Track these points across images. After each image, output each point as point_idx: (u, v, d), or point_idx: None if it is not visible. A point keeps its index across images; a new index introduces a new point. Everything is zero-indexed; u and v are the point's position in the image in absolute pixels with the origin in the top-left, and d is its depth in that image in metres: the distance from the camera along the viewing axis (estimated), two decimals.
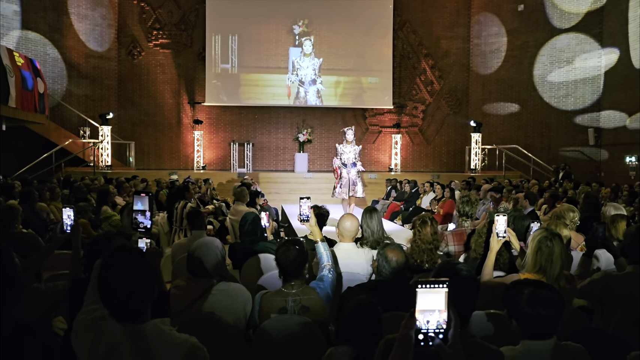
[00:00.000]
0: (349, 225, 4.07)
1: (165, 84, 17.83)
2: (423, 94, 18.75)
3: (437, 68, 18.67)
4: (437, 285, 1.43)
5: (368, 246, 4.22)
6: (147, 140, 17.79)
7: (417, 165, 18.77)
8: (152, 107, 17.75)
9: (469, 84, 18.69)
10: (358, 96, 18.13)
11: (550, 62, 16.95)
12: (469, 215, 4.97)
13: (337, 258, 3.86)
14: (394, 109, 18.53)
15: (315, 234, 3.66)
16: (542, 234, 3.13)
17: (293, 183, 15.37)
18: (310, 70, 17.75)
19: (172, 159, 17.97)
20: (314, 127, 18.21)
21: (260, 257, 4.58)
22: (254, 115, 18.25)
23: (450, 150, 18.87)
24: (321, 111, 18.36)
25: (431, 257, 3.91)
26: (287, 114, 18.28)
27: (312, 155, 18.24)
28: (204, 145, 17.82)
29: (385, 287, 3.12)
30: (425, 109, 18.77)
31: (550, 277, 3.02)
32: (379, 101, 18.29)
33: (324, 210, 5.30)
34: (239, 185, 8.66)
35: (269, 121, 18.32)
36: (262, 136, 18.26)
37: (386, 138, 18.60)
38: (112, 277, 1.89)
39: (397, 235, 5.72)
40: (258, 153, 18.15)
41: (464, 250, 4.54)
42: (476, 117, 17.81)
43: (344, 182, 9.23)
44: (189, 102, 17.89)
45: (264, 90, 17.78)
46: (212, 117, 18.11)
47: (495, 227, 3.44)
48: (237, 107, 18.11)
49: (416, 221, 4.08)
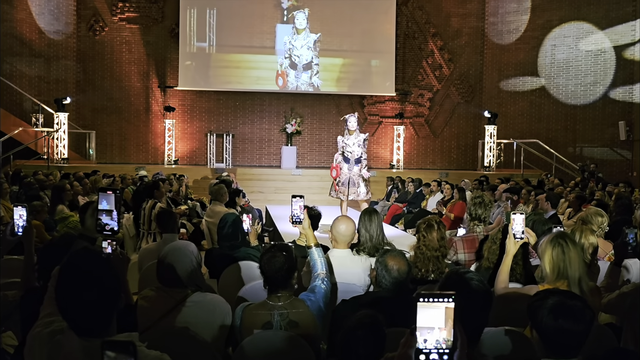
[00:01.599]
0: (343, 229, 4.09)
1: (132, 65, 17.76)
2: (430, 80, 18.82)
3: (447, 50, 18.74)
4: (441, 299, 1.45)
5: (365, 253, 4.24)
6: (111, 130, 17.72)
7: (423, 162, 18.85)
8: (116, 91, 17.68)
9: (482, 69, 18.78)
10: (355, 81, 18.17)
11: (576, 44, 17.06)
12: (481, 219, 5.02)
13: (331, 266, 3.88)
14: (396, 97, 18.58)
15: (308, 237, 3.68)
16: (548, 238, 3.20)
17: (279, 181, 15.38)
18: (305, 50, 17.72)
19: (140, 152, 17.92)
20: (304, 117, 18.23)
21: (241, 264, 4.58)
22: (235, 102, 18.22)
23: (461, 144, 18.97)
24: (312, 98, 18.38)
25: (438, 267, 3.94)
26: (273, 101, 18.28)
27: (302, 148, 18.26)
28: (176, 136, 17.77)
29: (384, 300, 3.14)
30: (432, 97, 18.85)
31: (573, 281, 3.06)
32: (380, 87, 18.33)
33: (316, 212, 5.34)
34: (217, 183, 8.63)
35: (252, 109, 18.31)
36: (244, 126, 18.25)
37: (387, 130, 18.66)
38: (72, 286, 1.90)
39: (398, 242, 5.75)
40: (239, 146, 18.14)
41: (476, 259, 4.57)
42: (491, 107, 17.91)
43: (344, 180, 8.96)
44: (159, 86, 17.84)
45: (247, 73, 17.77)
46: (186, 103, 18.07)
47: (512, 227, 3.47)
48: (215, 93, 18.08)
49: (421, 225, 4.11)
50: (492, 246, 4.00)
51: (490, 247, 4.01)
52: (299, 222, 3.68)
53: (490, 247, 4.01)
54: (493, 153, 17.19)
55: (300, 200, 3.66)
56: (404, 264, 3.23)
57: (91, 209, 3.06)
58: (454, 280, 2.23)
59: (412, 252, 4.10)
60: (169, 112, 17.44)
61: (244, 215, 5.41)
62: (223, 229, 4.95)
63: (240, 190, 10.00)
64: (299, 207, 3.66)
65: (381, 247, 4.22)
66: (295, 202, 3.65)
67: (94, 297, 1.88)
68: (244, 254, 4.83)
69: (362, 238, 4.33)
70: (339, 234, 4.09)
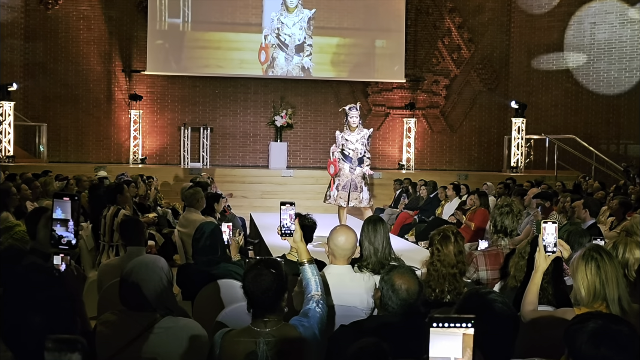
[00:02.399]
0: (342, 241, 4.08)
1: (91, 45, 17.75)
2: (447, 64, 18.87)
3: (467, 28, 18.80)
4: (459, 325, 1.45)
5: (369, 270, 4.22)
6: (65, 122, 17.70)
7: (438, 161, 18.89)
8: (72, 76, 17.66)
9: (509, 51, 18.84)
10: (357, 65, 18.21)
11: (621, 22, 17.12)
12: (507, 232, 5.00)
13: (328, 286, 3.88)
14: (406, 84, 18.62)
15: (300, 252, 3.69)
16: (581, 252, 3.22)
17: (266, 183, 15.38)
18: (297, 29, 17.75)
19: (100, 149, 17.90)
20: (296, 107, 18.25)
21: (221, 283, 4.58)
22: (214, 89, 18.23)
23: (483, 141, 19.01)
24: (306, 85, 18.40)
25: (455, 286, 3.94)
26: (259, 89, 18.30)
27: (294, 145, 18.27)
28: (143, 130, 17.76)
29: (391, 326, 3.14)
30: (449, 84, 18.89)
31: (612, 302, 3.08)
32: (387, 72, 18.36)
33: (310, 221, 5.32)
34: (192, 186, 8.62)
35: (235, 98, 18.32)
36: (225, 118, 18.25)
37: (395, 123, 18.69)
38: (18, 310, 1.90)
39: (408, 256, 5.75)
40: (219, 142, 18.14)
41: (500, 277, 4.57)
42: (519, 97, 17.96)
43: (344, 183, 8.92)
44: (123, 70, 17.82)
45: (228, 55, 17.79)
46: (155, 91, 18.06)
47: (543, 239, 3.48)
48: (190, 78, 18.08)
49: (435, 237, 4.11)
50: (520, 262, 4.00)
51: (517, 262, 4.02)
52: (289, 234, 3.68)
53: (517, 262, 4.02)
54: (521, 151, 17.24)
55: (291, 208, 3.66)
56: (415, 283, 3.24)
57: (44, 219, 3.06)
58: (474, 302, 2.24)
59: (424, 268, 4.10)
60: (135, 102, 17.43)
61: (223, 224, 5.41)
62: (199, 241, 4.94)
63: (220, 194, 9.98)
64: (289, 216, 3.66)
65: (387, 263, 4.21)
66: (285, 210, 3.65)
67: (44, 324, 1.88)
68: (224, 271, 4.82)
69: (365, 252, 4.32)
70: (337, 248, 4.09)
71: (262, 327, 3.11)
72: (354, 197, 8.93)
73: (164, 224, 10.37)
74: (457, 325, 1.46)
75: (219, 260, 4.93)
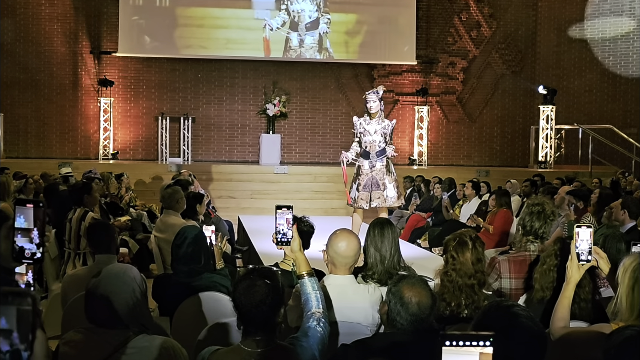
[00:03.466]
0: (343, 247, 4.06)
1: (55, 23, 17.73)
2: (464, 43, 18.87)
3: (488, 2, 18.81)
4: (475, 343, 1.45)
5: (375, 280, 4.22)
6: (25, 112, 17.68)
7: (454, 155, 18.89)
8: (32, 59, 17.63)
9: (536, 28, 18.84)
10: (361, 45, 18.21)
11: None
12: (538, 235, 4.99)
13: (328, 298, 3.88)
14: (417, 66, 18.62)
15: (299, 263, 3.67)
16: (629, 261, 3.20)
17: (257, 182, 15.37)
18: (308, 4, 17.73)
19: (65, 142, 17.88)
20: (291, 94, 18.24)
21: (203, 297, 4.59)
22: (196, 73, 18.22)
23: (507, 132, 19.01)
24: (302, 69, 18.40)
25: (473, 299, 3.94)
26: (248, 72, 18.29)
27: (288, 137, 18.28)
28: (115, 121, 17.74)
29: (399, 345, 3.14)
30: (467, 67, 18.89)
31: None
32: (395, 53, 18.36)
33: (307, 225, 5.32)
34: (171, 185, 8.61)
35: (220, 83, 18.31)
36: (209, 107, 18.24)
37: (405, 112, 18.69)
38: None
39: (420, 265, 5.75)
40: (202, 134, 18.13)
41: (525, 288, 4.57)
42: (548, 81, 17.96)
43: (364, 182, 8.59)
44: (92, 51, 17.80)
45: (213, 34, 17.78)
46: (128, 75, 18.05)
47: (576, 245, 3.48)
48: (168, 61, 18.07)
49: (450, 242, 4.10)
50: (548, 269, 4.00)
51: (544, 270, 4.02)
52: (286, 243, 3.67)
53: (544, 270, 4.02)
54: (550, 144, 17.23)
55: (288, 212, 3.65)
56: (427, 296, 3.23)
57: (5, 228, 3.05)
58: (495, 316, 2.23)
59: (437, 279, 4.10)
60: (105, 88, 17.39)
61: (207, 228, 5.40)
62: (180, 248, 4.94)
63: (204, 194, 9.99)
64: (286, 221, 3.64)
65: (396, 273, 4.20)
66: (281, 215, 3.64)
67: None
68: (207, 283, 4.83)
69: (370, 260, 4.32)
70: (338, 255, 4.06)
71: (254, 347, 3.10)
72: (376, 196, 8.53)
73: (139, 229, 10.36)
74: (474, 343, 1.45)
75: (201, 270, 4.93)
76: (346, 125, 9.61)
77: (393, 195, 8.65)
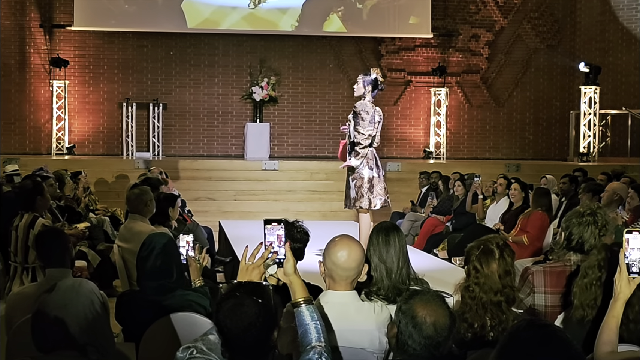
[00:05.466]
0: (344, 257, 4.04)
1: None
2: (489, 12, 18.87)
3: None
4: None
5: (381, 298, 4.23)
6: None
7: (478, 147, 18.89)
8: None
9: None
10: (367, 16, 18.19)
11: None
12: (583, 248, 4.94)
13: (327, 319, 3.86)
14: (434, 40, 18.61)
15: (294, 288, 3.66)
16: None
17: (241, 180, 15.36)
18: None
19: (10, 134, 17.83)
20: (282, 74, 18.22)
21: (176, 318, 4.59)
22: (168, 50, 18.21)
23: (541, 118, 19.01)
24: (295, 44, 18.39)
25: (500, 319, 3.94)
26: (230, 49, 18.28)
27: (279, 126, 18.28)
28: (71, 108, 17.72)
29: None
30: (493, 41, 18.87)
31: None
32: (406, 25, 18.35)
33: (300, 232, 5.30)
34: (137, 184, 8.60)
35: (197, 62, 18.29)
36: (183, 91, 18.23)
37: (419, 95, 18.69)
38: None
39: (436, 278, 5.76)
40: (176, 123, 18.12)
41: (563, 305, 4.57)
42: (590, 57, 17.95)
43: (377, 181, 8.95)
44: (42, 25, 17.77)
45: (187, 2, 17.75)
46: (87, 54, 18.03)
47: (625, 254, 3.48)
48: (135, 35, 18.06)
49: (473, 251, 4.12)
50: (590, 284, 4.00)
51: (586, 285, 4.01)
52: (278, 264, 3.68)
53: (586, 285, 4.01)
54: (594, 132, 17.22)
55: (279, 228, 3.65)
56: (444, 315, 3.23)
57: None
58: (525, 338, 2.24)
59: (457, 294, 4.11)
60: (58, 69, 17.36)
61: (182, 236, 5.40)
62: (146, 261, 4.93)
63: (178, 196, 9.98)
64: (277, 238, 3.66)
65: (406, 288, 4.22)
66: (271, 231, 3.65)
67: None
68: (181, 301, 4.83)
69: (375, 273, 4.33)
70: (337, 267, 4.04)
71: None
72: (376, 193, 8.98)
73: (100, 237, 10.34)
74: None
75: (174, 286, 4.91)
76: (347, 112, 9.54)
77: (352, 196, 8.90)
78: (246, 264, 3.70)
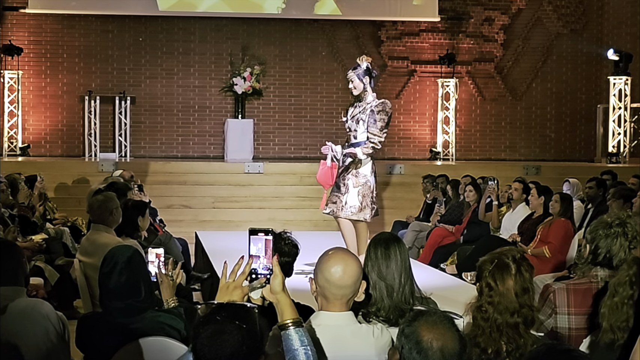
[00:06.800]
0: (338, 273, 4.04)
1: None
2: None
3: None
4: None
5: (381, 319, 4.25)
6: None
7: (492, 147, 18.96)
8: None
9: None
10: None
11: None
12: (611, 263, 4.93)
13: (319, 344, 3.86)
14: (441, 24, 18.69)
15: (282, 309, 3.67)
16: None
17: (221, 185, 15.39)
18: None
19: None
20: (267, 63, 18.25)
21: (146, 343, 4.59)
22: (137, 36, 18.24)
23: (565, 113, 19.09)
24: (283, 27, 18.48)
25: (517, 343, 3.95)
26: (208, 34, 18.36)
27: (264, 123, 18.35)
28: (25, 103, 17.76)
29: None
30: (509, 25, 18.95)
31: None
32: (409, 7, 18.44)
33: (288, 245, 5.28)
34: (100, 190, 8.59)
35: (170, 49, 18.33)
36: (154, 82, 18.27)
37: (425, 87, 18.76)
38: None
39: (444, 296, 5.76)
40: (145, 119, 18.17)
41: (590, 328, 4.56)
42: (620, 44, 18.01)
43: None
44: None
45: None
46: (43, 40, 18.07)
47: None
48: (98, 19, 18.10)
49: (486, 265, 4.12)
50: (620, 304, 4.00)
51: (615, 305, 4.01)
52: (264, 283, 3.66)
53: (615, 305, 4.01)
54: (624, 129, 17.28)
55: (265, 238, 3.64)
56: (453, 339, 3.23)
57: None
58: None
59: (469, 316, 4.11)
60: (11, 57, 17.39)
61: (151, 250, 5.38)
62: (109, 277, 4.91)
63: (148, 202, 9.96)
64: (263, 250, 3.64)
65: (409, 308, 4.23)
66: (257, 242, 3.63)
67: None
68: (151, 323, 4.82)
69: (374, 291, 4.34)
70: (331, 284, 4.05)
71: None
72: (332, 200, 8.98)
73: (58, 251, 10.33)
74: None
75: (143, 307, 4.90)
76: (342, 106, 9.53)
77: (354, 204, 8.87)
78: (226, 282, 3.68)
